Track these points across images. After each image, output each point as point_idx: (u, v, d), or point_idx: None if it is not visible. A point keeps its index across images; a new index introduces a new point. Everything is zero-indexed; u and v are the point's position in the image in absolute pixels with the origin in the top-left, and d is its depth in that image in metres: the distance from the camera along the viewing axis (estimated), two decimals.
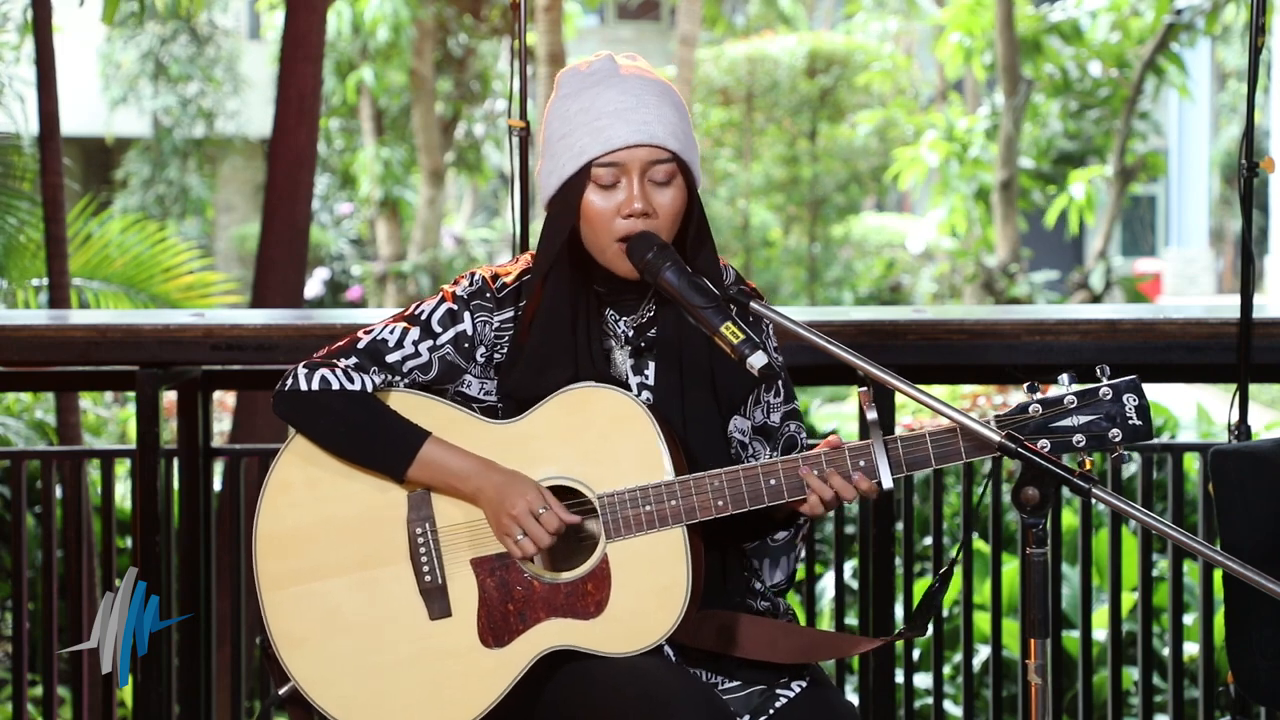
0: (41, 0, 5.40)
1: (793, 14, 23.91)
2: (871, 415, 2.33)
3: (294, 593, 2.46)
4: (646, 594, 2.37)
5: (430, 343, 2.48)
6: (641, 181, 2.40)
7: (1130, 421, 2.30)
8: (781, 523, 2.52)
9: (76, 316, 4.22)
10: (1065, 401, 2.31)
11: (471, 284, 2.51)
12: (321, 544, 2.46)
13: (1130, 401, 2.31)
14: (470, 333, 2.48)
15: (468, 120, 20.31)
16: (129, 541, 5.83)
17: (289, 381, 2.46)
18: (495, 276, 2.53)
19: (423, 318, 2.49)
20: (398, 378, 2.48)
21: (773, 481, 2.37)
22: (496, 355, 2.49)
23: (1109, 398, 2.31)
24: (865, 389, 2.34)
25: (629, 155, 2.39)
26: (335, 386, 2.44)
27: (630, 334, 2.51)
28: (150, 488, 3.56)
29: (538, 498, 2.38)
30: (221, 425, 8.64)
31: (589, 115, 2.40)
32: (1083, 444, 2.29)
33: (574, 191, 2.41)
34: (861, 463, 2.36)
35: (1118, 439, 2.30)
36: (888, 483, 2.33)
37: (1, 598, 5.54)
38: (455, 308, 2.49)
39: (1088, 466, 2.25)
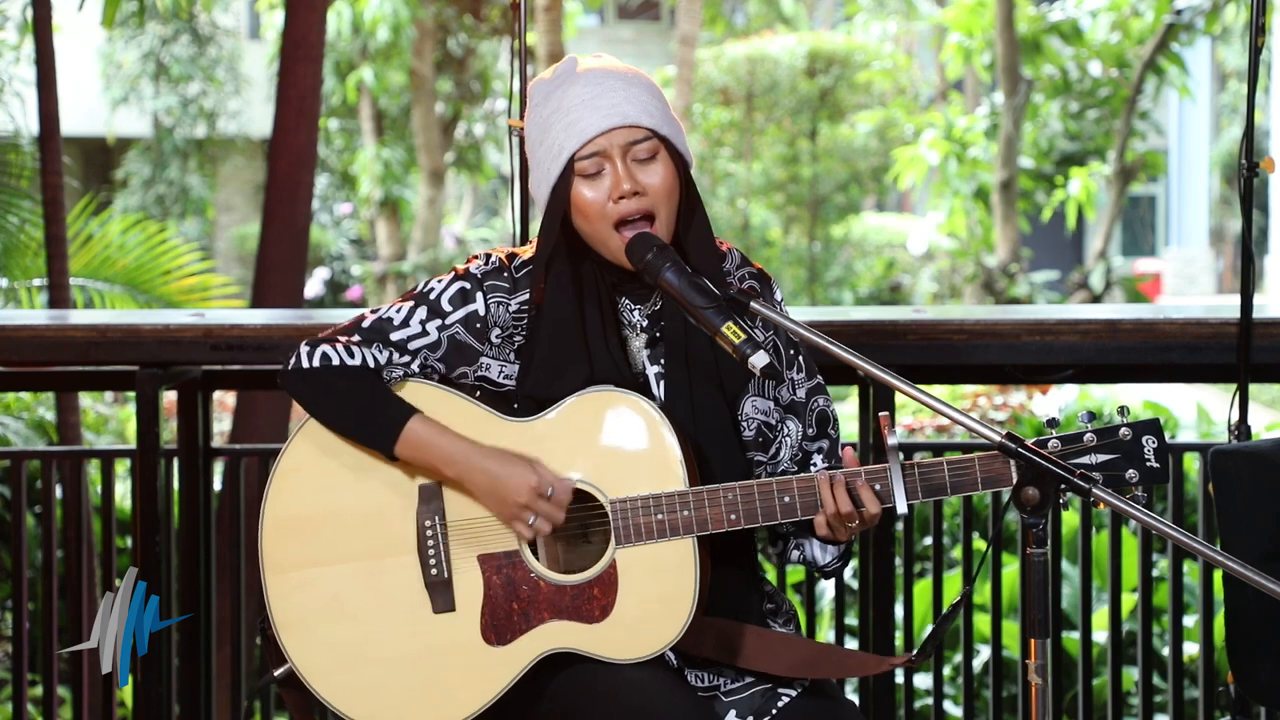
0: (41, 0, 5.39)
1: (793, 14, 23.91)
2: (891, 440, 2.31)
3: (298, 577, 2.45)
4: (652, 602, 2.36)
5: (439, 322, 2.46)
6: (625, 163, 2.39)
7: (1148, 464, 2.30)
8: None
9: (76, 316, 4.22)
10: (1084, 440, 2.30)
11: (487, 264, 2.49)
12: (328, 530, 2.45)
13: (1149, 444, 2.30)
14: (483, 313, 2.46)
15: (468, 120, 20.31)
16: (129, 541, 5.83)
17: (292, 359, 2.46)
18: (512, 256, 2.51)
19: (432, 297, 2.47)
20: (405, 356, 2.46)
21: (787, 499, 2.36)
22: (518, 338, 2.47)
23: (1128, 438, 2.30)
24: (885, 414, 2.34)
25: (606, 140, 2.38)
26: (335, 362, 2.43)
27: (645, 323, 2.50)
28: (150, 488, 3.56)
29: (541, 479, 2.36)
30: (221, 425, 8.64)
31: (560, 113, 2.40)
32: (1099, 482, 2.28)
33: (562, 190, 2.41)
34: (877, 486, 2.36)
35: (1135, 480, 2.30)
36: (902, 508, 2.32)
37: (1, 598, 5.54)
38: (468, 286, 2.47)
39: (1102, 507, 2.26)
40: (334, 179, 21.88)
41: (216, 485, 4.19)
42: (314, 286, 20.30)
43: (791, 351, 2.56)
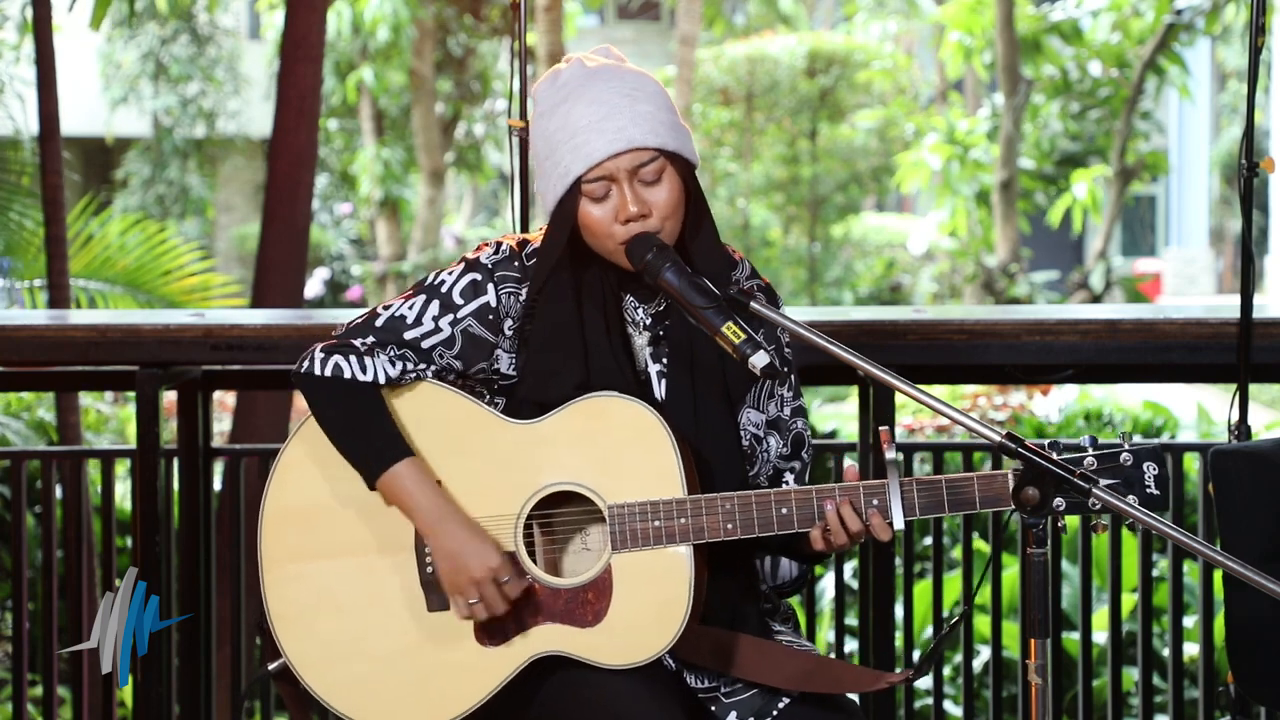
0: (41, 0, 5.39)
1: (793, 14, 23.91)
2: (890, 455, 2.32)
3: (295, 570, 2.45)
4: (646, 609, 2.36)
5: (451, 316, 2.45)
6: (632, 185, 2.38)
7: (1148, 490, 2.30)
8: (795, 555, 2.52)
9: (76, 316, 4.22)
10: (1085, 463, 2.30)
11: (497, 252, 2.48)
12: (327, 524, 2.45)
13: (1150, 470, 2.30)
14: (494, 304, 2.45)
15: (468, 120, 20.32)
16: (129, 541, 5.83)
17: (306, 363, 2.45)
18: (524, 243, 2.49)
19: (443, 290, 2.46)
20: (421, 363, 2.44)
21: (784, 510, 2.36)
22: (529, 327, 2.47)
23: (1129, 464, 2.30)
24: (885, 428, 2.34)
25: (613, 165, 2.37)
26: (346, 375, 2.42)
27: (649, 322, 2.50)
28: (150, 488, 3.55)
29: (503, 565, 2.36)
30: (221, 425, 8.64)
31: (566, 133, 2.38)
32: (1098, 508, 2.28)
33: (569, 207, 2.40)
34: (875, 501, 2.36)
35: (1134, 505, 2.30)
36: (899, 523, 2.33)
37: (1, 598, 5.54)
38: (479, 278, 2.46)
39: (1098, 532, 2.26)
40: (334, 179, 21.88)
41: (216, 485, 4.19)
42: (314, 286, 20.31)
43: (785, 369, 2.56)
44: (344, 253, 22.15)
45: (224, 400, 9.35)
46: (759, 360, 2.26)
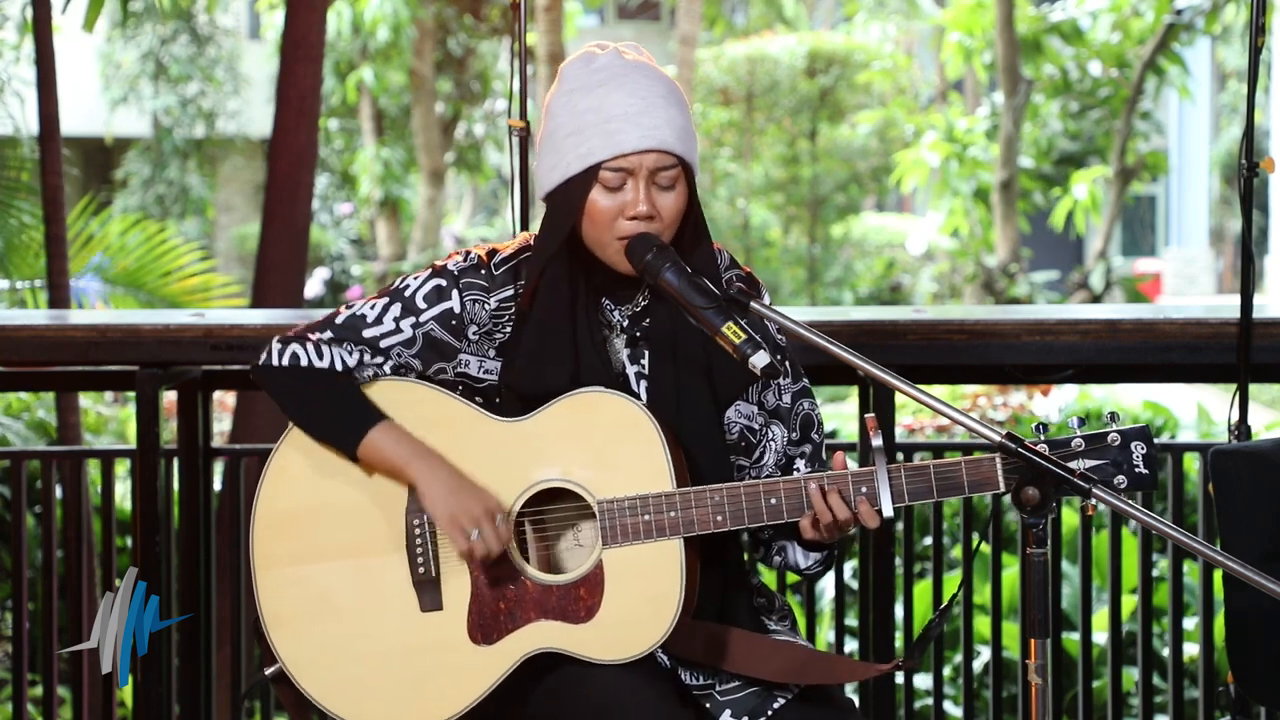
0: (41, 0, 5.39)
1: (793, 14, 23.92)
2: (877, 442, 2.32)
3: (287, 574, 2.46)
4: (638, 603, 2.36)
5: (413, 319, 2.46)
6: (648, 185, 2.39)
7: (1136, 470, 2.30)
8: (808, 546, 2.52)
9: (76, 316, 4.22)
10: (1072, 445, 2.30)
11: (465, 260, 2.49)
12: (318, 527, 2.46)
13: (1138, 449, 2.30)
14: (458, 311, 2.46)
15: (468, 120, 20.34)
16: (129, 541, 5.83)
17: (264, 355, 2.48)
18: (492, 253, 2.51)
19: (407, 294, 2.48)
20: (378, 357, 2.46)
21: (773, 500, 2.37)
22: (499, 335, 2.48)
23: (1116, 444, 2.30)
24: (871, 415, 2.34)
25: (638, 160, 2.38)
26: (303, 363, 2.45)
27: (625, 324, 2.50)
28: (150, 488, 3.56)
29: (498, 504, 2.38)
30: (221, 425, 8.64)
31: (599, 116, 2.38)
32: (1097, 506, 2.28)
33: (578, 190, 2.40)
34: (864, 489, 2.36)
35: (1123, 486, 2.30)
36: (888, 510, 2.33)
37: (1, 598, 5.54)
38: (444, 284, 2.47)
39: (1090, 512, 2.26)
40: (334, 179, 21.89)
41: (216, 485, 4.19)
42: (314, 286, 20.31)
43: (779, 356, 2.55)
44: (344, 253, 22.15)
45: (224, 400, 9.35)
46: (759, 360, 2.26)
